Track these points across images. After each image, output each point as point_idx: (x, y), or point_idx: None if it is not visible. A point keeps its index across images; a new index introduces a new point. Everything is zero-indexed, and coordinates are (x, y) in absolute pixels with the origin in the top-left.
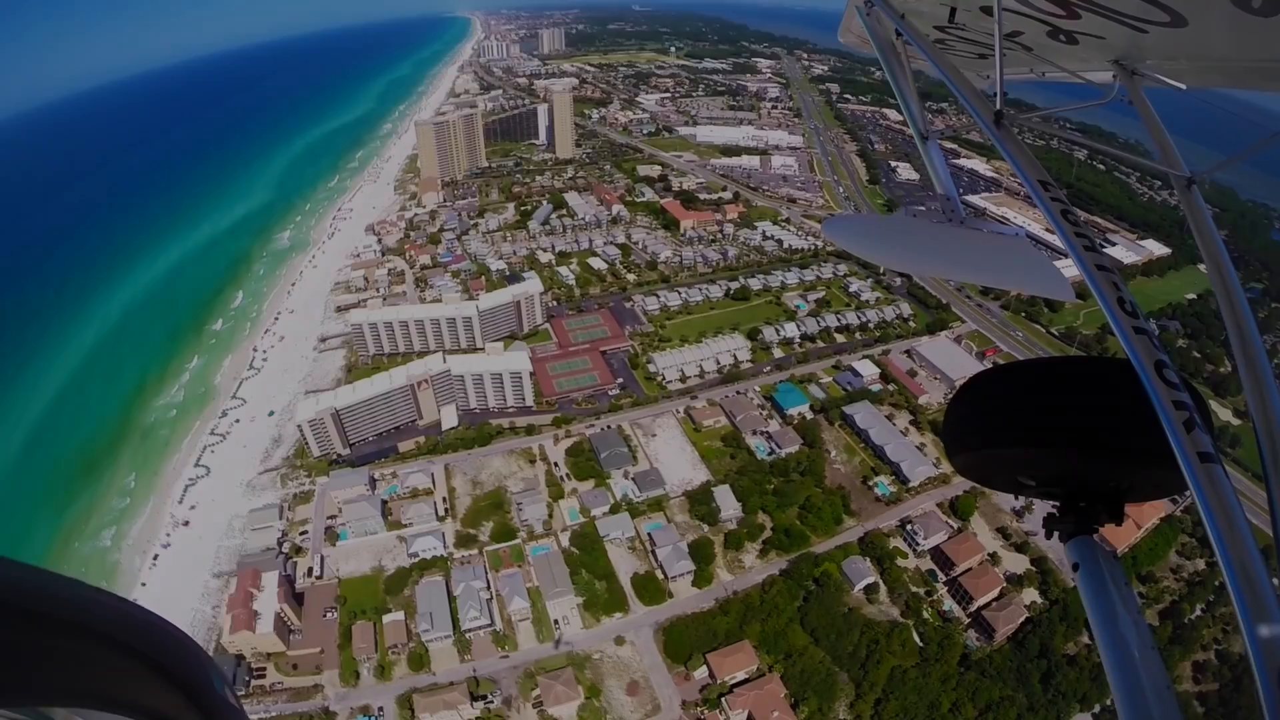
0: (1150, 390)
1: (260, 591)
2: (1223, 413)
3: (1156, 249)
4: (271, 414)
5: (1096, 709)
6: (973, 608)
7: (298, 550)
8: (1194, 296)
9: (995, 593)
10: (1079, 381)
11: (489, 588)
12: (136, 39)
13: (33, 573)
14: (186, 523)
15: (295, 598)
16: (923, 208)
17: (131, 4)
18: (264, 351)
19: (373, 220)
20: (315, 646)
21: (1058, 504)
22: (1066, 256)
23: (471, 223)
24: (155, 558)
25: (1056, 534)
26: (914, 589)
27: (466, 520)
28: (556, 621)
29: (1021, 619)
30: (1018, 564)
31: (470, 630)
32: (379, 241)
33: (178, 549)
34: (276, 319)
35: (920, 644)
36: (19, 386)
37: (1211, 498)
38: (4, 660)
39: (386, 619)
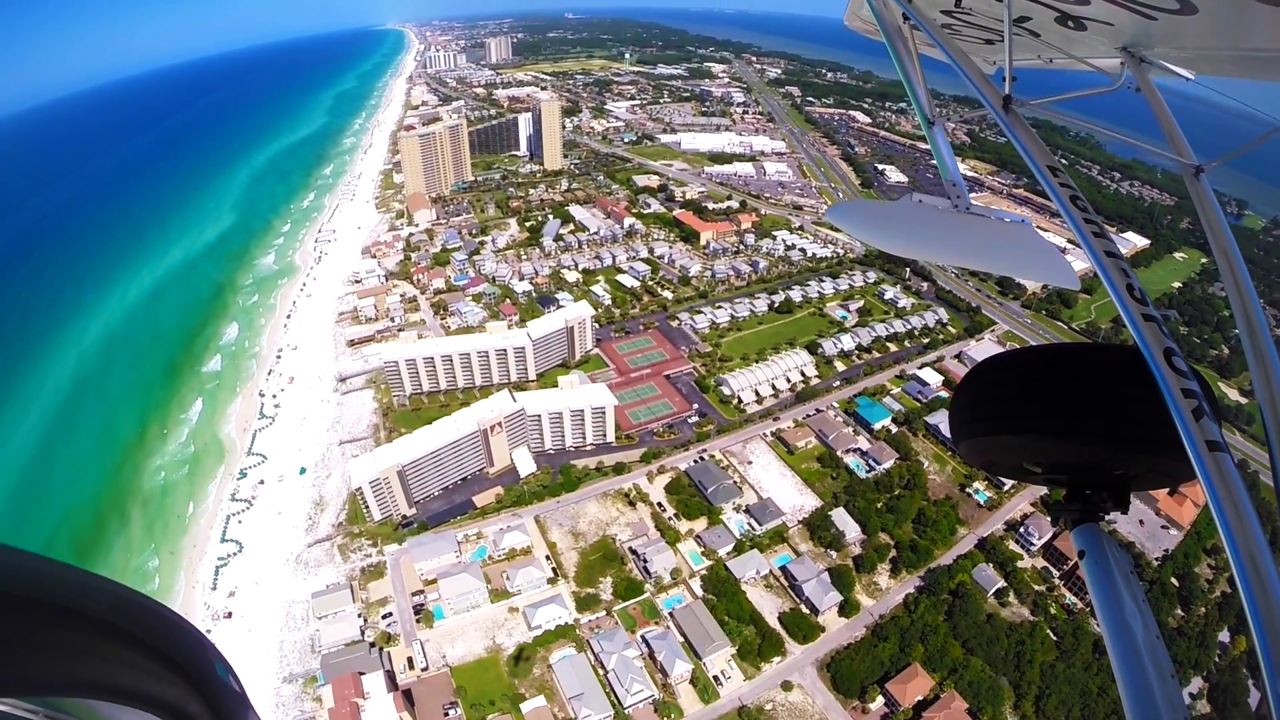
0: (1159, 378)
1: (366, 699)
2: (1230, 393)
3: (1138, 241)
4: (303, 471)
5: (1205, 673)
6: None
7: (388, 639)
8: (1180, 285)
9: None
10: (1084, 368)
11: (640, 654)
12: (46, 69)
13: (25, 557)
14: (229, 614)
15: (405, 697)
16: (928, 194)
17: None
18: (274, 396)
19: (363, 241)
20: None
21: (1064, 492)
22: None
23: (477, 241)
24: None
25: (1063, 521)
26: (1035, 587)
27: (580, 578)
28: (716, 677)
29: None
30: None
31: (632, 705)
32: (379, 264)
33: (226, 649)
34: (279, 356)
35: (1055, 638)
36: None
37: (1220, 486)
38: None
39: (526, 708)
